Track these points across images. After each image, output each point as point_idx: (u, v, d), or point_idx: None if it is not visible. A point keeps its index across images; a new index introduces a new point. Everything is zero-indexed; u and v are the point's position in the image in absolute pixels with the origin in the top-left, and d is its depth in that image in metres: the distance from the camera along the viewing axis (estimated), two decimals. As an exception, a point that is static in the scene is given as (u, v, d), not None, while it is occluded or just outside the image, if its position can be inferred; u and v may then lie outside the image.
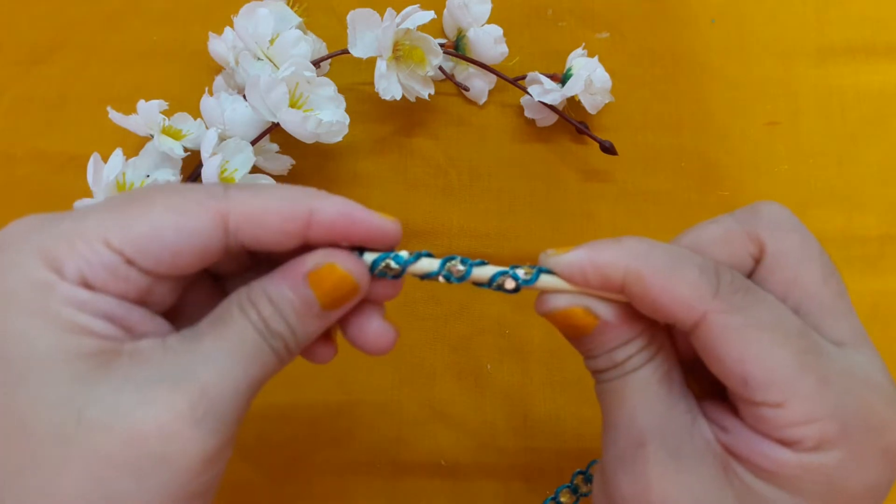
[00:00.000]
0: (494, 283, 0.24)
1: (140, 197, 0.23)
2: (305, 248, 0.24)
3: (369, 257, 0.24)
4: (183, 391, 0.21)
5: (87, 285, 0.22)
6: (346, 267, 0.23)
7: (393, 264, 0.24)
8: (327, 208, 0.23)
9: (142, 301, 0.23)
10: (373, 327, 0.25)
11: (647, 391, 0.23)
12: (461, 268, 0.24)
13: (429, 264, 0.24)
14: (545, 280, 0.24)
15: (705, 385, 0.25)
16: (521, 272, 0.24)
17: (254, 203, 0.23)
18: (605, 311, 0.23)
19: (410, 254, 0.25)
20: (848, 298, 0.24)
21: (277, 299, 0.23)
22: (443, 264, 0.24)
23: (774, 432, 0.22)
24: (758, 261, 0.24)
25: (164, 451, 0.20)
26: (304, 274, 0.23)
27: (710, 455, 0.22)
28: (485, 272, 0.24)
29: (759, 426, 0.22)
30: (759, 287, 0.23)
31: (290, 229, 0.23)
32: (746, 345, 0.21)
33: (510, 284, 0.24)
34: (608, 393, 0.24)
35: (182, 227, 0.22)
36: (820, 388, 0.21)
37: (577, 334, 0.24)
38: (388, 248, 0.25)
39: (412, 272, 0.25)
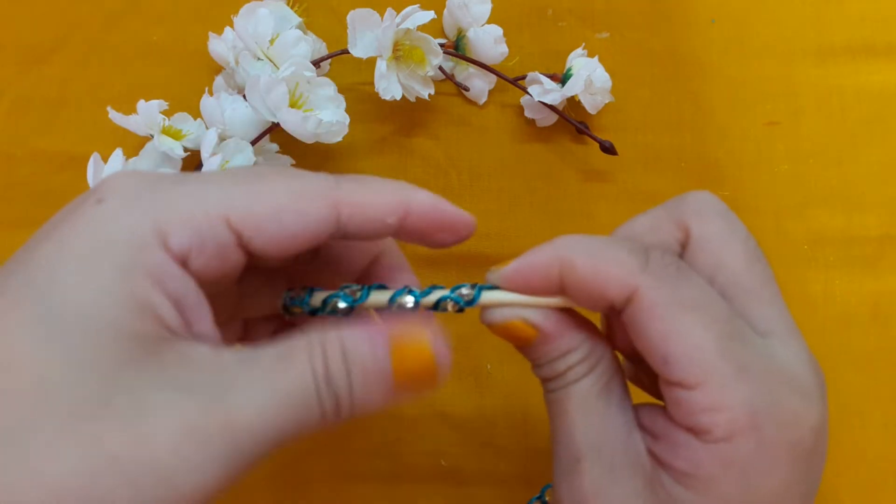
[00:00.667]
0: (440, 307, 0.25)
1: (261, 175, 0.23)
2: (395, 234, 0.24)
3: (318, 297, 0.25)
4: (205, 410, 0.19)
5: (185, 261, 0.21)
6: (434, 347, 0.22)
7: (341, 304, 0.24)
8: (423, 200, 0.24)
9: (219, 287, 0.22)
10: None
11: (585, 404, 0.24)
12: (409, 299, 0.25)
13: (379, 299, 0.25)
14: (486, 297, 0.25)
15: (653, 378, 0.25)
16: (464, 290, 0.25)
17: (363, 195, 0.23)
18: (542, 320, 0.24)
19: (359, 290, 0.25)
20: (775, 285, 0.24)
21: (352, 352, 0.21)
22: (392, 300, 0.24)
23: (687, 418, 0.22)
24: (684, 246, 0.25)
25: (165, 470, 0.19)
26: (388, 336, 0.22)
27: (640, 468, 0.23)
28: (430, 299, 0.25)
29: (675, 412, 0.22)
30: (689, 267, 0.23)
31: (392, 221, 0.23)
32: (672, 322, 0.22)
33: (452, 307, 0.25)
34: (552, 404, 0.25)
35: (302, 212, 0.22)
36: (736, 375, 0.21)
37: (521, 345, 0.25)
38: (463, 240, 0.25)
39: (364, 307, 0.25)
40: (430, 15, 0.38)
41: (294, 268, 0.27)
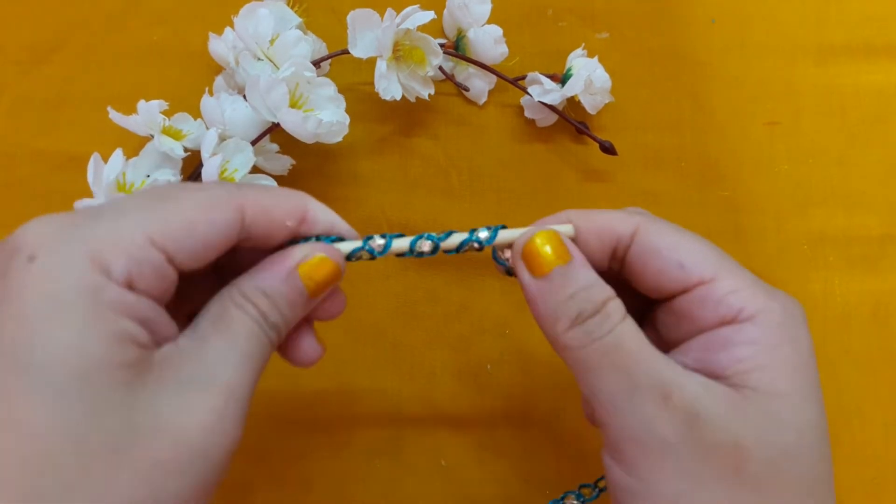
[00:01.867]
0: (463, 248, 0.28)
1: (168, 194, 0.24)
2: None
3: (346, 247, 0.27)
4: (215, 392, 0.23)
5: (132, 286, 0.23)
6: (332, 257, 0.26)
7: (366, 255, 0.27)
8: (318, 207, 0.27)
9: (165, 300, 0.24)
10: (305, 344, 0.28)
11: (637, 339, 0.26)
12: (427, 246, 0.27)
13: (400, 246, 0.27)
14: (504, 235, 0.28)
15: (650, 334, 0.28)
16: (482, 234, 0.28)
17: (265, 199, 0.25)
18: (569, 231, 0.27)
19: (382, 241, 0.27)
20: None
21: (272, 293, 0.25)
22: (413, 244, 0.27)
23: (716, 308, 0.25)
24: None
25: (204, 447, 0.22)
26: (293, 267, 0.26)
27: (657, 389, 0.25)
28: (451, 242, 0.28)
29: (702, 312, 0.25)
30: None
31: (291, 224, 0.26)
32: (678, 237, 0.26)
33: (474, 246, 0.28)
34: (593, 355, 0.25)
35: (212, 221, 0.24)
36: (740, 268, 0.26)
37: (544, 268, 0.26)
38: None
39: (387, 256, 0.28)
40: (430, 15, 0.38)
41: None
